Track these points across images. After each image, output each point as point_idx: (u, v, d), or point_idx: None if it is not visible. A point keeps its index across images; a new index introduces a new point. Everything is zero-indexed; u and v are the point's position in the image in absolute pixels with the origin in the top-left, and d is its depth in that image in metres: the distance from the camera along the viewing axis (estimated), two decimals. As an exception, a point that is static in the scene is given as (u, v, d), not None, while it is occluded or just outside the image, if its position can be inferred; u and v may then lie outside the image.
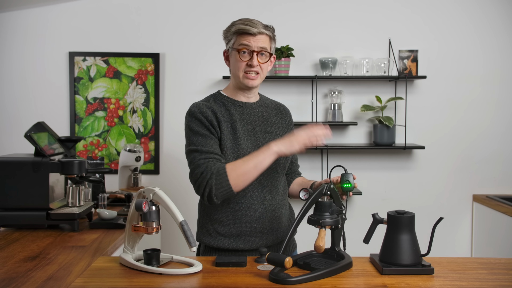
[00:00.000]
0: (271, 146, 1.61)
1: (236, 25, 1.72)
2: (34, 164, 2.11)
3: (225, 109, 1.76)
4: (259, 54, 1.71)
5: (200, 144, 1.68)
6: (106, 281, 1.40)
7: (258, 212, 1.73)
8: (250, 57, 1.70)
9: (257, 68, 1.71)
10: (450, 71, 3.33)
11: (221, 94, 1.81)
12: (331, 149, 3.28)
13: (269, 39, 1.73)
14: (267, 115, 1.83)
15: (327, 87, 3.32)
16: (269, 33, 1.73)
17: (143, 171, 3.30)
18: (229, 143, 1.70)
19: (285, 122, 1.88)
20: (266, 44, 1.72)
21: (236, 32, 1.71)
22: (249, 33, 1.68)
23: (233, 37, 1.73)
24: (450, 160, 3.36)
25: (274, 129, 1.82)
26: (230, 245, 1.73)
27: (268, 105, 1.87)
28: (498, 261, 1.61)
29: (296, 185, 1.92)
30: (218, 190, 1.60)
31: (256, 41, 1.69)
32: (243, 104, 1.79)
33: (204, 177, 1.61)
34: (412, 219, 1.49)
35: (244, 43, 1.69)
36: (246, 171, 1.60)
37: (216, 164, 1.63)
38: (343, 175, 1.61)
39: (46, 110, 3.28)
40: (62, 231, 2.12)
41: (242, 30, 1.69)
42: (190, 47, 3.31)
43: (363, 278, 1.43)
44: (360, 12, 3.31)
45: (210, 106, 1.74)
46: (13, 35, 3.29)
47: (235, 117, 1.74)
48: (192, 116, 1.73)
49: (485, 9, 3.31)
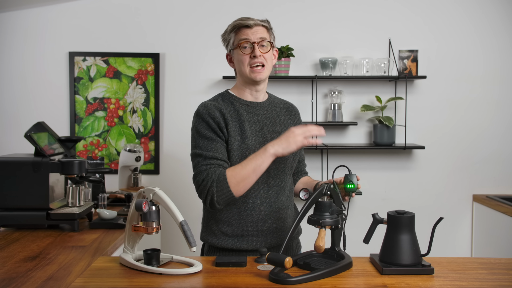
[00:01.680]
0: (268, 148, 1.61)
1: (233, 23, 1.76)
2: (34, 164, 2.11)
3: (233, 108, 1.76)
4: (260, 46, 1.72)
5: (206, 148, 1.68)
6: (106, 281, 1.40)
7: (263, 212, 1.73)
8: (252, 49, 1.71)
9: (261, 59, 1.72)
10: (450, 71, 3.33)
11: (229, 93, 1.81)
12: (331, 149, 3.28)
13: (266, 30, 1.75)
14: (275, 114, 1.83)
15: (327, 87, 3.32)
16: (266, 24, 1.76)
17: (143, 171, 3.30)
18: (236, 144, 1.70)
19: (294, 122, 1.88)
20: (264, 34, 1.74)
21: (233, 29, 1.74)
22: (246, 25, 1.71)
23: (232, 36, 1.75)
24: (450, 160, 3.36)
25: (283, 129, 1.81)
26: (234, 245, 1.73)
27: (276, 104, 1.87)
28: (498, 261, 1.61)
29: (301, 184, 1.92)
30: (220, 197, 1.62)
31: (254, 33, 1.71)
32: (251, 103, 1.79)
33: (205, 184, 1.62)
34: (412, 219, 1.49)
35: (243, 37, 1.71)
36: (245, 176, 1.61)
37: (217, 171, 1.63)
38: (347, 176, 1.61)
39: (46, 110, 3.28)
40: (62, 231, 2.12)
41: (239, 25, 1.72)
42: (190, 47, 3.31)
43: (363, 278, 1.43)
44: (360, 12, 3.31)
45: (218, 106, 1.74)
46: (13, 35, 3.29)
47: (243, 117, 1.74)
48: (199, 117, 1.73)
49: (485, 9, 3.31)
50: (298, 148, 1.61)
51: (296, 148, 1.61)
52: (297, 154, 1.84)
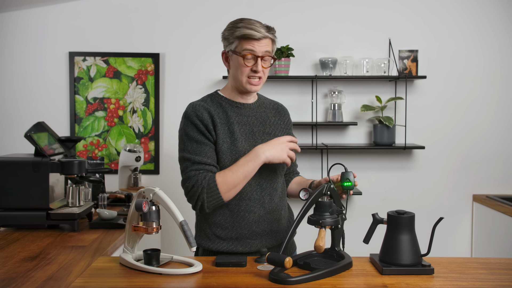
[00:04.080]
0: (260, 155, 1.61)
1: (239, 28, 1.67)
2: (34, 164, 2.11)
3: (222, 110, 1.74)
4: (263, 59, 1.69)
5: (194, 152, 1.67)
6: (106, 281, 1.40)
7: (257, 214, 1.72)
8: (255, 62, 1.68)
9: (260, 73, 1.70)
10: (450, 71, 3.33)
11: (218, 94, 1.79)
12: (331, 149, 3.28)
13: (271, 42, 1.71)
14: (265, 115, 1.81)
15: (327, 87, 3.32)
16: (272, 36, 1.71)
17: (143, 171, 3.30)
18: (226, 146, 1.68)
19: (284, 123, 1.87)
20: (269, 47, 1.70)
21: (240, 36, 1.67)
22: (253, 38, 1.65)
23: (236, 41, 1.68)
24: (450, 160, 3.36)
25: (273, 130, 1.81)
26: (229, 248, 1.71)
27: (266, 105, 1.85)
28: (498, 261, 1.61)
29: (295, 184, 1.91)
30: (210, 203, 1.63)
31: (260, 46, 1.67)
32: (240, 105, 1.77)
33: (195, 191, 1.62)
34: (412, 219, 1.49)
35: (249, 48, 1.66)
36: (236, 182, 1.62)
37: (206, 177, 1.62)
38: (343, 174, 1.60)
39: (46, 110, 3.28)
40: (62, 231, 2.12)
41: (247, 35, 1.65)
42: (190, 47, 3.31)
43: (363, 278, 1.43)
44: (360, 12, 3.31)
45: (207, 107, 1.72)
46: (13, 35, 3.29)
47: (232, 119, 1.73)
48: (187, 119, 1.71)
49: (485, 9, 3.31)
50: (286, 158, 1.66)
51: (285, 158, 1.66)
52: None
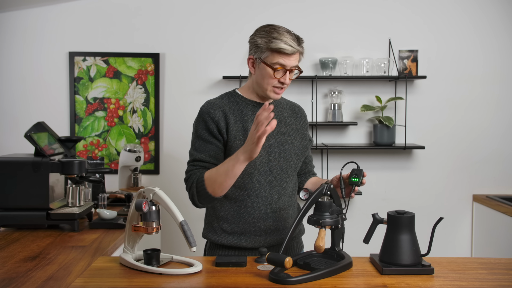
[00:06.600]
0: (239, 155, 1.58)
1: (274, 40, 1.66)
2: (34, 164, 2.11)
3: (238, 108, 1.76)
4: (291, 72, 1.71)
5: (198, 149, 1.73)
6: (106, 281, 1.40)
7: (263, 211, 1.74)
8: (283, 74, 1.70)
9: (286, 84, 1.73)
10: (450, 71, 3.33)
11: (236, 93, 1.81)
12: (331, 149, 3.28)
13: (299, 55, 1.74)
14: (281, 115, 1.83)
15: (327, 87, 3.32)
16: (302, 49, 1.73)
17: (143, 171, 3.30)
18: (238, 143, 1.71)
19: (300, 124, 1.88)
20: (298, 61, 1.73)
21: (273, 49, 1.66)
22: (286, 52, 1.67)
23: (268, 52, 1.67)
24: (450, 160, 3.36)
25: (288, 130, 1.82)
26: (234, 242, 1.75)
27: (283, 105, 1.87)
28: (498, 261, 1.61)
29: (310, 184, 1.93)
30: (200, 197, 1.67)
31: (290, 61, 1.69)
32: (257, 104, 1.79)
33: (188, 185, 1.71)
34: (412, 219, 1.49)
35: (280, 62, 1.67)
36: (220, 181, 1.62)
37: (197, 173, 1.68)
38: (353, 170, 1.65)
39: (46, 110, 3.28)
40: (62, 231, 2.12)
41: (282, 49, 1.65)
42: (190, 47, 3.31)
43: (363, 278, 1.43)
44: (360, 12, 3.31)
45: (222, 105, 1.75)
46: (13, 35, 3.29)
47: (248, 117, 1.75)
48: (200, 116, 1.76)
49: (485, 9, 3.31)
50: (258, 145, 1.50)
51: (256, 146, 1.50)
52: (302, 155, 1.84)
